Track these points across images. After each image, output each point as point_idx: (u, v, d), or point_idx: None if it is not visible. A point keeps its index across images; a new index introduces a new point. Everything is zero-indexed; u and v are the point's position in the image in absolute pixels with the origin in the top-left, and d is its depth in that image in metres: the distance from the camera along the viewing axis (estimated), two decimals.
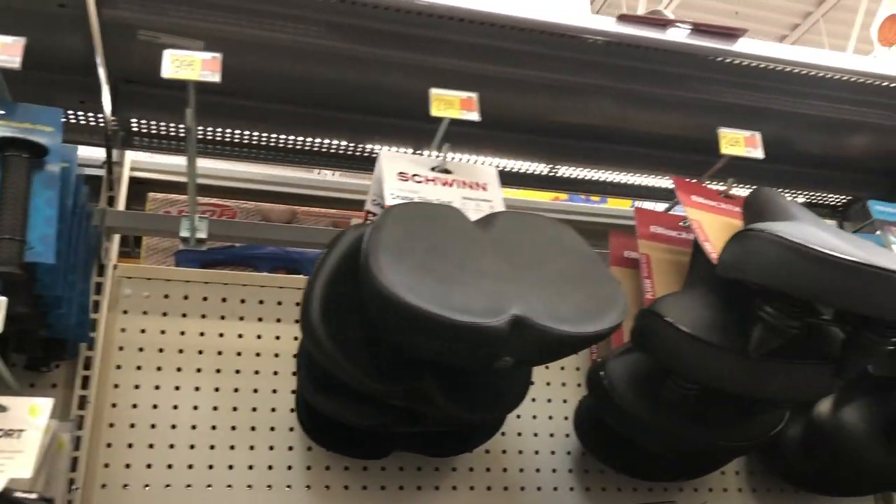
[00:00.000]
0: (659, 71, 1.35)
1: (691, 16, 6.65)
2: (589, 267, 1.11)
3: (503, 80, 1.35)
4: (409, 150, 1.43)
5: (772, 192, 1.24)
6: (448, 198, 1.20)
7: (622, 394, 1.25)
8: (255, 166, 1.60)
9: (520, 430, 1.55)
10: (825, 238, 1.04)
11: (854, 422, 1.38)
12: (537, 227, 1.13)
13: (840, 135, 1.64)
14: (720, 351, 1.11)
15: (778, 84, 1.44)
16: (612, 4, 8.50)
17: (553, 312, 1.01)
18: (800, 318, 1.05)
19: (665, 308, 1.15)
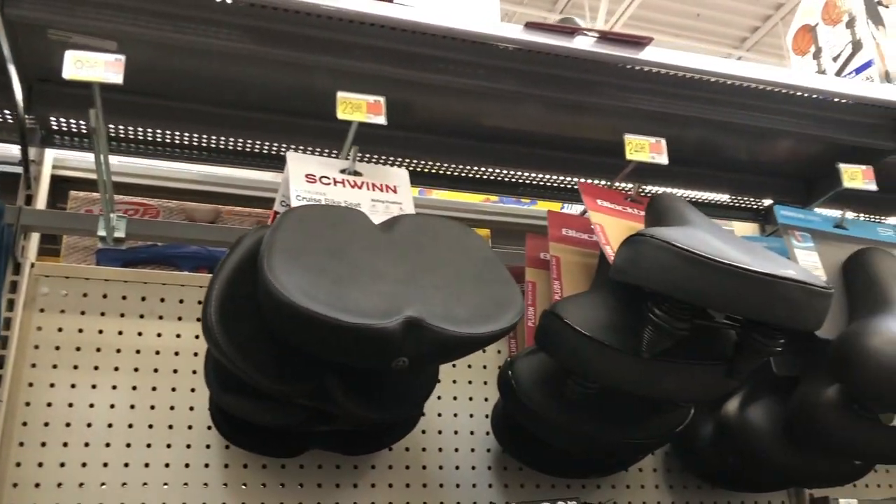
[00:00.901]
0: (572, 78, 1.37)
1: (651, 17, 6.74)
2: (488, 269, 1.14)
3: (420, 85, 1.37)
4: (326, 151, 1.45)
5: (671, 198, 1.28)
6: (356, 200, 1.22)
7: (528, 393, 1.28)
8: (181, 164, 1.60)
9: (440, 428, 1.57)
10: (712, 243, 1.08)
11: (758, 420, 1.42)
12: (440, 229, 1.16)
13: (758, 141, 1.68)
14: (614, 351, 1.14)
15: (695, 92, 1.47)
16: (576, 5, 8.60)
17: (449, 314, 1.04)
18: (688, 321, 1.09)
19: (564, 309, 1.18)
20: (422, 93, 1.41)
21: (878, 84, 1.50)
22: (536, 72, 1.36)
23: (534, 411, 1.28)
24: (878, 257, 1.37)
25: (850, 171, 1.43)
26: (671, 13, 7.79)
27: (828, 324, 1.31)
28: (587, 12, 8.40)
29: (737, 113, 1.52)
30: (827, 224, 1.48)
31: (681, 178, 1.70)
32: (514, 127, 1.54)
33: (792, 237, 1.42)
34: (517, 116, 1.52)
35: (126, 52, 1.13)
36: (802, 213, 1.46)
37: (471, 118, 1.50)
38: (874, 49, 1.50)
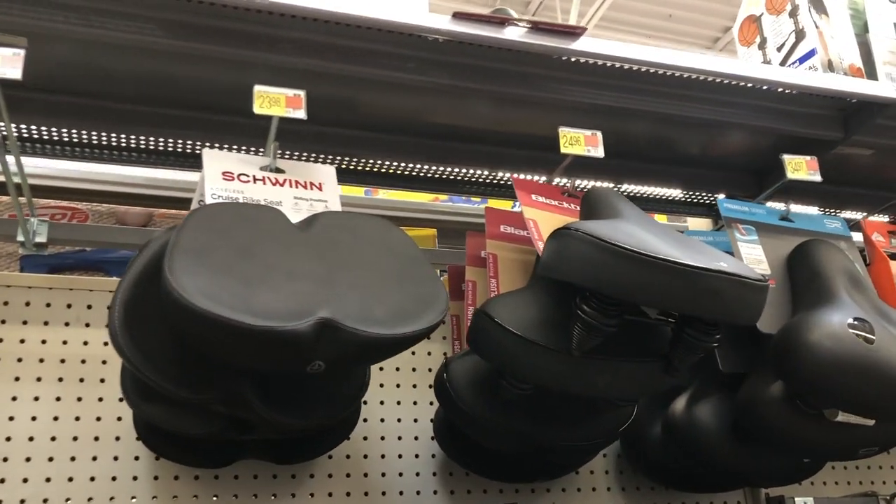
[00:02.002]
0: (507, 70, 1.33)
1: (623, 18, 6.74)
2: (412, 267, 1.09)
3: (350, 79, 1.32)
4: (254, 150, 1.40)
5: (604, 191, 1.24)
6: (278, 198, 1.17)
7: (462, 395, 1.23)
8: (112, 167, 1.55)
9: (382, 434, 1.52)
10: (640, 236, 1.04)
11: (705, 419, 1.38)
12: (361, 226, 1.11)
13: (706, 134, 1.65)
14: (545, 350, 1.10)
15: (638, 84, 1.44)
16: (548, 7, 8.59)
17: (366, 314, 0.99)
18: (617, 317, 1.05)
19: (494, 308, 1.14)
20: (353, 87, 1.37)
21: (821, 73, 1.47)
22: (469, 64, 1.32)
23: (468, 414, 1.23)
24: (821, 249, 1.34)
25: (793, 161, 1.40)
26: (643, 14, 7.77)
27: (771, 318, 1.29)
28: (559, 14, 8.42)
29: (682, 105, 1.49)
30: (772, 217, 1.44)
31: (629, 173, 1.67)
32: (453, 123, 1.50)
33: (736, 230, 1.38)
34: (457, 111, 1.48)
35: (37, 48, 1.09)
36: (747, 206, 1.43)
37: (407, 114, 1.46)
38: (817, 38, 1.47)
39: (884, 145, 1.59)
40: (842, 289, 1.26)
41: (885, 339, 1.15)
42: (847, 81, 1.44)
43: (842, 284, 1.27)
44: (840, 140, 1.57)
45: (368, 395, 1.50)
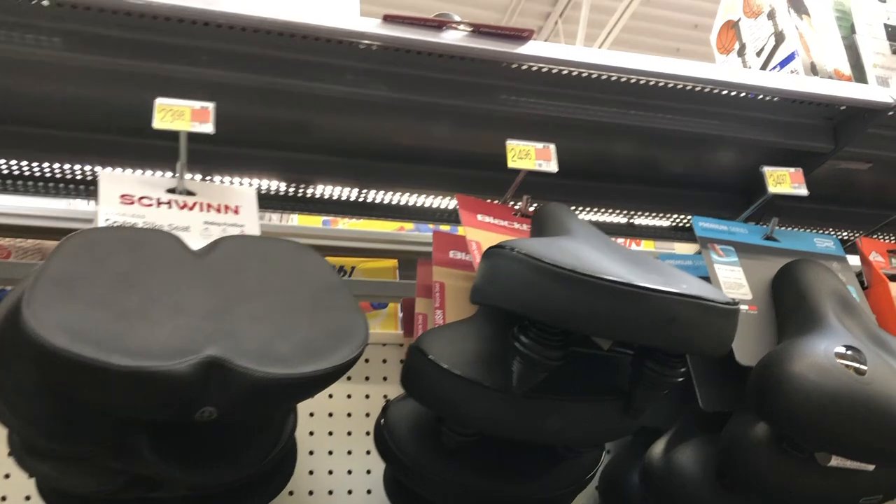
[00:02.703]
0: (452, 80, 1.21)
1: (646, 28, 6.60)
2: (329, 296, 0.96)
3: (280, 93, 1.21)
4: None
5: (555, 207, 1.11)
6: (185, 223, 1.05)
7: (402, 444, 1.09)
8: (37, 200, 1.44)
9: (331, 488, 1.37)
10: (585, 255, 0.90)
11: (685, 466, 1.22)
12: (271, 252, 0.98)
13: (685, 149, 1.52)
14: (483, 389, 0.95)
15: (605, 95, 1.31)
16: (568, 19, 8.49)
17: (266, 351, 0.86)
18: (560, 349, 0.90)
19: (428, 342, 1.00)
20: (283, 103, 1.25)
21: (804, 77, 1.34)
22: (410, 74, 1.20)
23: (409, 466, 1.08)
24: (808, 270, 1.19)
25: (775, 174, 1.26)
26: (668, 23, 7.54)
27: (753, 348, 1.15)
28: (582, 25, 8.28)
29: (655, 117, 1.35)
30: (755, 236, 1.30)
31: (601, 194, 1.53)
32: (403, 142, 1.37)
33: (712, 252, 1.23)
34: (407, 130, 1.36)
35: None
36: (726, 226, 1.29)
37: (348, 132, 1.33)
38: (798, 40, 1.34)
39: (878, 157, 1.44)
40: (831, 313, 1.11)
41: (879, 369, 1.00)
42: (832, 85, 1.30)
43: (831, 309, 1.11)
44: (831, 152, 1.43)
45: (315, 444, 1.37)
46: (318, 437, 1.35)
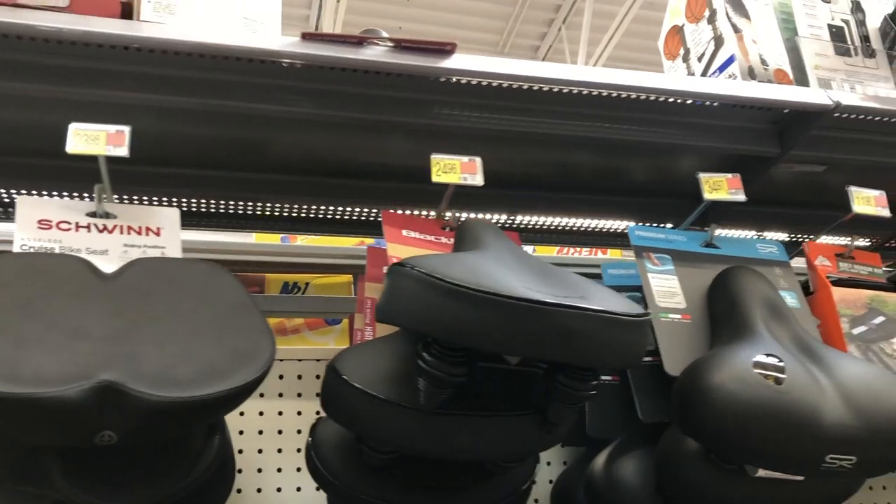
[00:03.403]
0: (377, 95, 1.21)
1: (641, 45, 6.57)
2: (237, 317, 0.96)
3: (205, 114, 1.21)
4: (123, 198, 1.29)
5: (475, 223, 1.10)
6: (104, 246, 1.05)
7: (328, 463, 1.08)
8: None
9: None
10: (486, 270, 0.90)
11: (626, 477, 1.20)
12: (180, 273, 0.99)
13: (630, 158, 1.51)
14: (393, 407, 0.95)
15: (540, 106, 1.30)
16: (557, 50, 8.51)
17: (166, 374, 0.86)
18: (463, 365, 0.90)
19: (343, 361, 1.00)
20: (210, 122, 1.25)
21: (739, 81, 1.32)
22: (335, 91, 1.20)
23: (335, 485, 1.08)
24: (739, 277, 1.17)
25: (711, 180, 1.24)
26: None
27: (686, 357, 1.14)
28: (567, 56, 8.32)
29: (594, 126, 1.34)
30: (694, 244, 1.28)
31: (548, 204, 1.52)
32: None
33: (647, 260, 1.22)
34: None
35: None
36: (663, 234, 1.27)
37: (281, 148, 1.33)
38: (735, 44, 1.32)
39: (830, 159, 1.42)
40: (759, 321, 1.09)
41: (799, 378, 0.98)
42: (767, 89, 1.29)
43: (760, 317, 1.10)
44: (777, 156, 1.41)
45: (264, 462, 1.37)
46: (247, 455, 1.35)
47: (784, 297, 1.25)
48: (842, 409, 0.96)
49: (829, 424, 0.95)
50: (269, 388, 1.39)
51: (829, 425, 0.95)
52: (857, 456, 0.95)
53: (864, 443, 0.95)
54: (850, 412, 0.97)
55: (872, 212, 1.30)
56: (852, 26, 1.40)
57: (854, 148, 1.41)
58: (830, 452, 0.95)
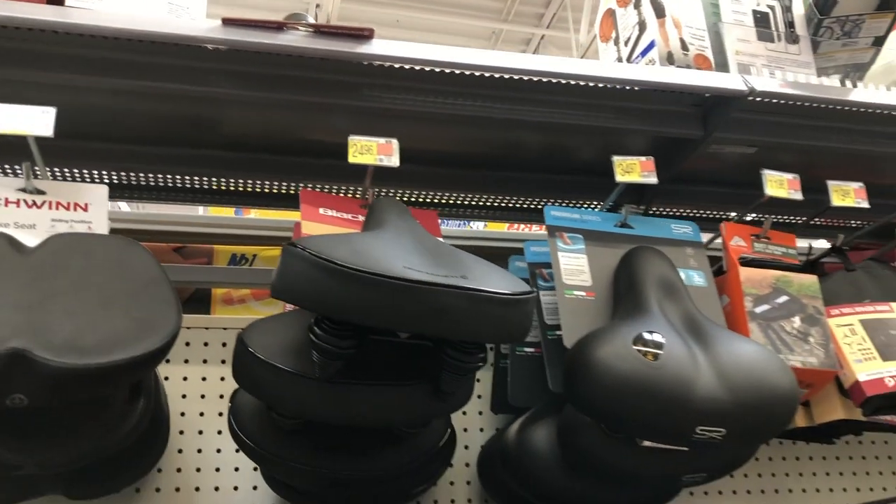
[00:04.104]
0: (300, 77, 1.26)
1: None
2: (148, 290, 1.02)
3: (134, 94, 1.27)
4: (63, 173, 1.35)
5: (382, 202, 1.16)
6: (32, 221, 1.12)
7: (246, 427, 1.15)
8: None
9: (218, 465, 1.44)
10: (371, 250, 0.96)
11: (535, 443, 1.27)
12: (97, 248, 1.05)
13: (555, 138, 1.55)
14: (293, 376, 1.01)
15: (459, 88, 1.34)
16: (561, 18, 8.48)
17: (73, 343, 0.93)
18: (351, 338, 0.96)
19: (250, 332, 1.06)
20: (142, 101, 1.31)
21: (656, 67, 1.36)
22: (260, 73, 1.25)
23: (252, 447, 1.15)
24: (639, 257, 1.23)
25: (625, 163, 1.29)
26: None
27: (586, 332, 1.18)
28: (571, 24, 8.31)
29: (515, 109, 1.38)
30: (608, 224, 1.33)
31: (477, 183, 1.57)
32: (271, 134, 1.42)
33: (559, 240, 1.28)
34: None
35: None
36: (578, 214, 1.32)
37: (207, 126, 1.38)
38: (657, 29, 1.36)
39: (748, 141, 1.47)
40: (652, 299, 1.15)
41: (675, 355, 1.04)
42: (681, 74, 1.33)
43: (654, 295, 1.15)
44: (701, 138, 1.45)
45: (186, 425, 1.44)
46: (189, 418, 1.43)
47: (692, 277, 1.31)
48: (714, 385, 1.02)
49: (700, 398, 1.01)
50: (195, 355, 1.47)
51: (699, 399, 1.01)
52: (727, 428, 1.01)
53: (734, 416, 1.01)
54: (722, 387, 1.02)
55: (785, 194, 1.35)
56: (777, 12, 1.43)
57: (775, 131, 1.45)
58: (700, 424, 1.01)
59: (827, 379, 1.27)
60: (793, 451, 1.70)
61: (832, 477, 1.73)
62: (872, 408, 1.25)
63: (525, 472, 1.27)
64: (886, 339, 1.28)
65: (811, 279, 1.33)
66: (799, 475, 1.71)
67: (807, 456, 1.72)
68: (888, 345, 1.27)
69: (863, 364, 1.26)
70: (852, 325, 1.30)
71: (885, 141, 1.53)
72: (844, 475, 1.72)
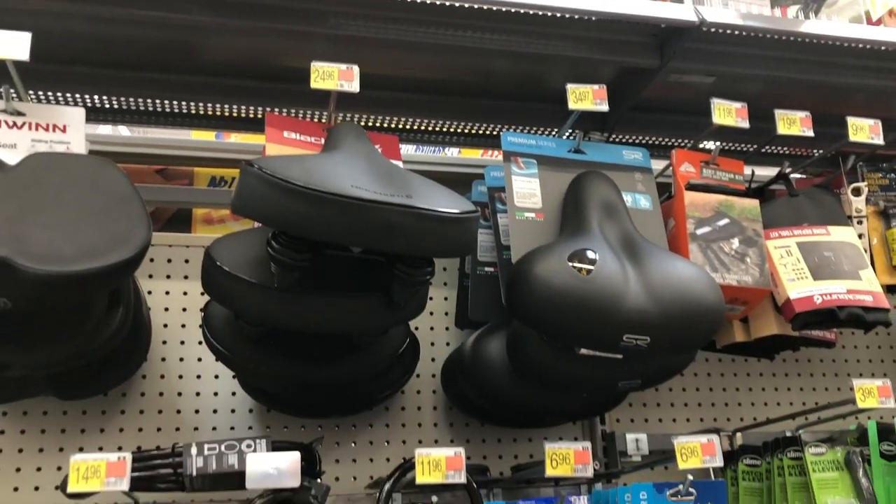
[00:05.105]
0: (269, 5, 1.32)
1: None
2: (119, 206, 1.10)
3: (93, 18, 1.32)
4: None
5: (340, 126, 1.23)
6: (13, 141, 1.19)
7: (217, 334, 1.25)
8: None
9: (199, 373, 1.55)
10: (322, 170, 1.03)
11: (488, 353, 1.37)
12: (72, 167, 1.13)
13: (526, 67, 1.60)
14: (252, 286, 1.10)
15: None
16: None
17: (50, 253, 1.01)
18: (305, 252, 1.05)
19: (216, 245, 1.15)
20: (120, 26, 1.36)
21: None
22: (228, 0, 1.31)
23: (223, 353, 1.25)
24: (586, 181, 1.30)
25: (578, 91, 1.35)
26: None
27: None
28: None
29: (481, 38, 1.44)
30: (562, 150, 1.41)
31: (443, 108, 1.63)
32: (245, 60, 1.48)
33: (513, 164, 1.35)
34: (231, 49, 1.45)
35: None
36: (534, 140, 1.39)
37: (180, 51, 1.44)
38: None
39: (704, 70, 1.52)
40: (593, 220, 1.23)
41: (607, 270, 1.12)
42: (635, 5, 1.37)
43: (595, 215, 1.24)
44: (658, 67, 1.51)
45: (169, 335, 1.55)
46: (171, 329, 1.54)
47: (639, 201, 1.38)
48: (642, 297, 1.11)
49: (627, 309, 1.10)
50: (176, 272, 1.56)
51: (627, 310, 1.10)
52: (652, 336, 1.11)
53: (657, 325, 1.10)
54: (649, 299, 1.11)
55: (733, 122, 1.41)
56: None
57: (730, 61, 1.51)
58: (627, 333, 1.10)
59: (761, 297, 1.36)
60: (741, 368, 1.81)
61: (780, 391, 1.84)
62: (801, 323, 1.34)
63: (479, 381, 1.38)
64: (819, 261, 1.36)
65: (752, 203, 1.41)
66: (749, 389, 1.83)
67: (755, 372, 1.83)
68: (820, 266, 1.36)
69: (795, 283, 1.34)
70: (788, 247, 1.38)
71: (840, 72, 1.59)
72: (788, 388, 1.84)
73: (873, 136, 1.45)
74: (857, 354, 1.91)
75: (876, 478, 1.31)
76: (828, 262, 1.36)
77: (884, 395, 1.28)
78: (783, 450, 1.40)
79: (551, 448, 1.11)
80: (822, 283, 1.34)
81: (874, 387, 1.28)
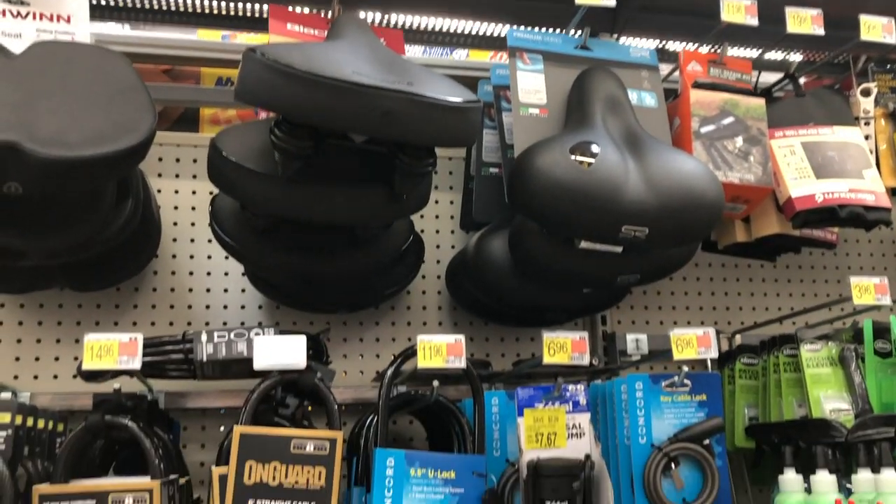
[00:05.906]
0: None
1: None
2: (125, 96, 1.11)
3: None
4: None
5: (343, 17, 1.22)
6: (18, 30, 1.20)
7: (226, 227, 1.27)
8: None
9: (209, 270, 1.58)
10: (325, 57, 1.03)
11: (492, 251, 1.39)
12: (77, 56, 1.13)
13: None
14: (256, 175, 1.12)
15: None
16: None
17: (58, 138, 1.03)
18: (307, 139, 1.06)
19: (222, 136, 1.16)
20: None
21: None
22: None
23: (232, 247, 1.27)
24: (591, 77, 1.29)
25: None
26: None
27: None
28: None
29: None
30: (568, 46, 1.39)
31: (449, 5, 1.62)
32: None
33: (519, 60, 1.34)
34: None
35: None
36: (540, 36, 1.38)
37: None
38: None
39: None
40: (597, 114, 1.23)
41: (608, 162, 1.13)
42: None
43: (598, 110, 1.23)
44: None
45: (178, 233, 1.58)
46: (181, 227, 1.57)
47: (644, 98, 1.38)
48: (641, 189, 1.12)
49: (627, 201, 1.11)
50: (185, 171, 1.58)
51: (627, 201, 1.11)
52: (650, 227, 1.12)
53: (655, 216, 1.12)
54: (648, 191, 1.12)
55: (741, 20, 1.39)
56: None
57: None
58: (626, 223, 1.12)
59: (763, 195, 1.37)
60: (742, 271, 1.83)
61: (781, 296, 1.86)
62: (801, 221, 1.35)
63: (482, 278, 1.40)
64: (823, 160, 1.36)
65: (758, 102, 1.40)
66: (750, 294, 1.85)
67: (756, 275, 1.85)
68: (823, 165, 1.36)
69: (797, 182, 1.35)
70: (792, 146, 1.38)
71: None
72: (790, 293, 1.86)
73: (886, 34, 1.42)
74: (858, 259, 1.92)
75: (869, 373, 1.34)
76: (831, 161, 1.36)
77: (881, 292, 1.30)
78: (779, 347, 1.43)
79: (549, 337, 1.14)
80: (824, 182, 1.34)
81: (871, 284, 1.29)
